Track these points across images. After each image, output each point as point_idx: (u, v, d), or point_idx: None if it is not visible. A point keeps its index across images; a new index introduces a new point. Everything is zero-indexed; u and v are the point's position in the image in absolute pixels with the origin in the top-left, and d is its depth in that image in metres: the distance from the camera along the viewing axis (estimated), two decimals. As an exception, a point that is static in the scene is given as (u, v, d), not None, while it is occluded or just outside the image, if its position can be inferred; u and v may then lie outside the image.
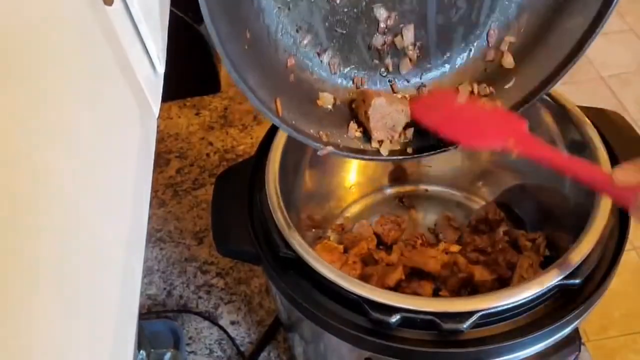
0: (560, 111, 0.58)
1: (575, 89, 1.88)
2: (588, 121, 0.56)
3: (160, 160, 0.93)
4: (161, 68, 0.40)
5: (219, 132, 0.97)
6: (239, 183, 0.57)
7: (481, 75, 0.56)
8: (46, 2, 0.26)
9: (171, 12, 0.43)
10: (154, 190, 0.88)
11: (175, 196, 0.88)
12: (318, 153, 0.52)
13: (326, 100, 0.53)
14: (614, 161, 0.53)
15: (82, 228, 0.27)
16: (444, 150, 0.53)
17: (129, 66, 0.36)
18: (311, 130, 0.51)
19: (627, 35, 2.16)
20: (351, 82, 0.55)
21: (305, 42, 0.51)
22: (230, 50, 0.43)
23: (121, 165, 0.33)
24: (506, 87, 0.55)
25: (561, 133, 0.59)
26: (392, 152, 0.54)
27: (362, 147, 0.54)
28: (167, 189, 0.89)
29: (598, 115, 0.58)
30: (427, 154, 0.54)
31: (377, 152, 0.54)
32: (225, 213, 0.56)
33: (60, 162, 0.26)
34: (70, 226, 0.26)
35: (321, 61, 0.53)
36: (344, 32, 0.52)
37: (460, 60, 0.56)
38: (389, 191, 0.73)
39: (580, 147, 0.56)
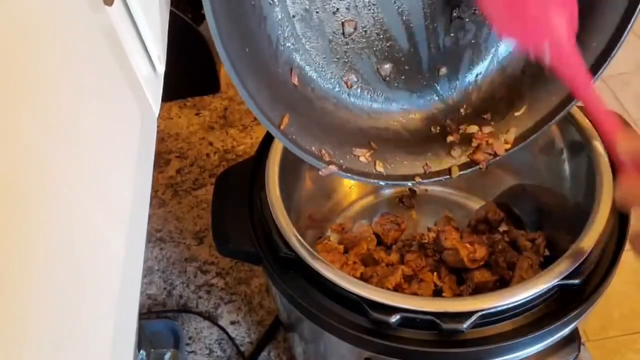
0: (560, 111, 0.58)
1: (575, 90, 1.87)
2: (588, 121, 0.56)
3: (161, 160, 0.93)
4: (161, 68, 0.40)
5: (219, 132, 0.97)
6: (239, 183, 0.57)
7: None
8: (46, 2, 0.26)
9: (171, 12, 0.43)
10: (154, 190, 0.88)
11: (176, 196, 0.88)
12: (320, 173, 0.50)
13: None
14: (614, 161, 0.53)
15: (82, 227, 0.27)
16: (447, 178, 0.54)
17: (129, 66, 0.36)
18: (313, 148, 0.50)
19: (627, 35, 2.16)
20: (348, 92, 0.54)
21: (308, 55, 0.50)
22: (230, 49, 0.41)
23: (121, 165, 0.33)
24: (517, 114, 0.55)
25: (561, 133, 0.59)
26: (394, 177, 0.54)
27: (366, 170, 0.53)
28: (167, 188, 0.89)
29: (598, 116, 0.58)
30: (429, 180, 0.54)
31: (381, 175, 0.53)
32: (225, 213, 0.56)
33: (60, 162, 0.26)
34: (69, 226, 0.26)
35: (322, 77, 0.52)
36: (349, 48, 0.51)
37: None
38: (389, 191, 0.73)
39: (580, 147, 0.56)
